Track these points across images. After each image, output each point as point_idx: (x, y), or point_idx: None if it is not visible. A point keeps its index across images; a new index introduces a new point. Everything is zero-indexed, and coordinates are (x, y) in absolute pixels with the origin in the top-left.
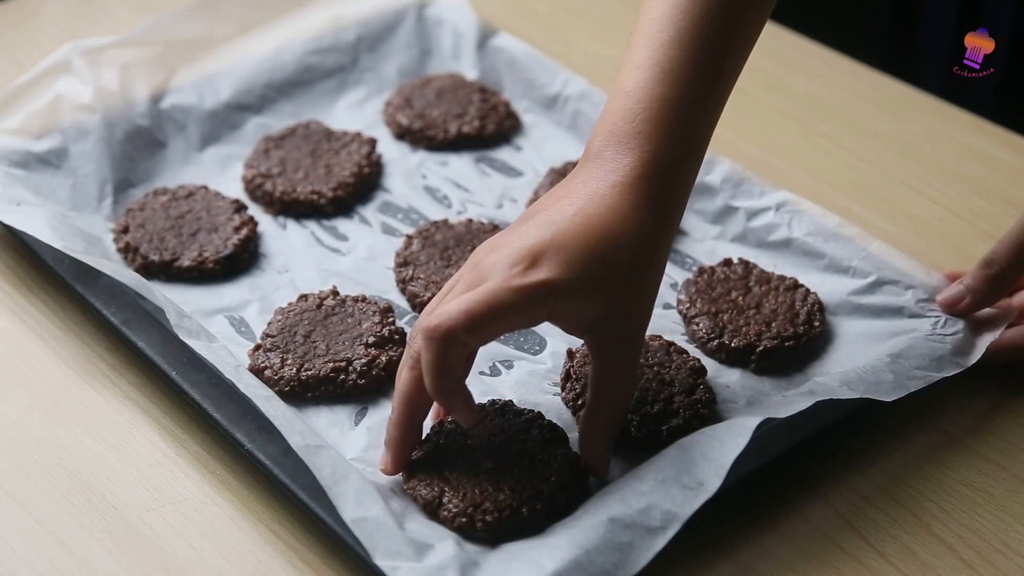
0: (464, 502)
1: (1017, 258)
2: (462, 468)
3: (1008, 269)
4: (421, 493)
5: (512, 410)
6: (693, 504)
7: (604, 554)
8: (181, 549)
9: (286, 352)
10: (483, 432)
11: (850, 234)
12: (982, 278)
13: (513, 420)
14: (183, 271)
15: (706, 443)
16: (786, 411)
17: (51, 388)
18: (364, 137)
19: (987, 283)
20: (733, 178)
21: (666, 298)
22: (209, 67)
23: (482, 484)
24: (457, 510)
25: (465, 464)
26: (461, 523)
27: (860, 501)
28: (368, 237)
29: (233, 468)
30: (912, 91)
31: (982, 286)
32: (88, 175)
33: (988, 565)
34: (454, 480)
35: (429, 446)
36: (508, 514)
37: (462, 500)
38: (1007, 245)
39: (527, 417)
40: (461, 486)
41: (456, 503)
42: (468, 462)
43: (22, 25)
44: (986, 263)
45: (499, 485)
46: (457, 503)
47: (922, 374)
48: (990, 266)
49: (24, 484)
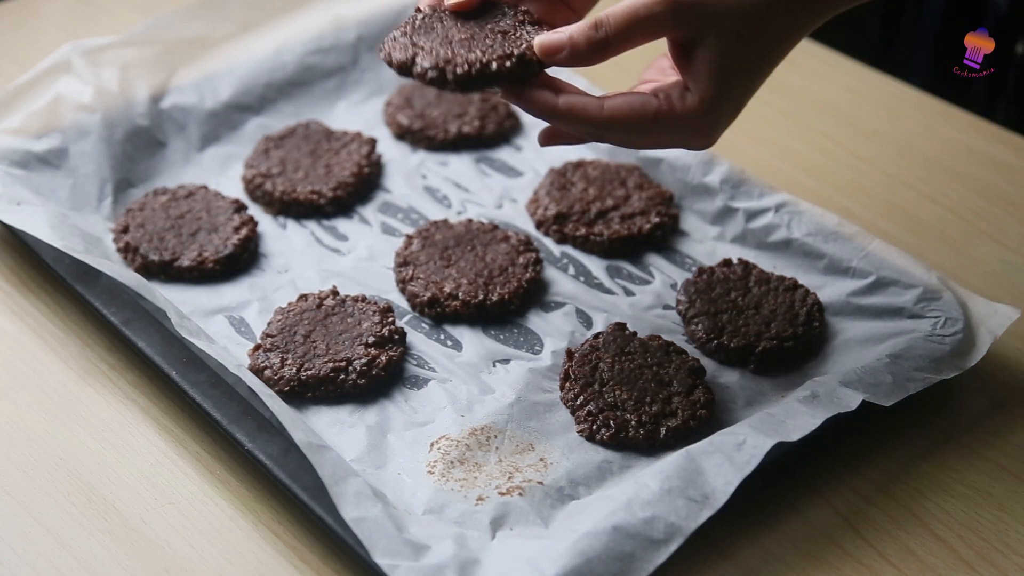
0: (436, 58)
1: (626, 31)
2: (436, 39)
3: (613, 38)
4: (395, 56)
5: None
6: (698, 519)
7: (605, 563)
8: (181, 549)
9: (286, 352)
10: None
11: (849, 233)
12: (586, 39)
13: None
14: (183, 271)
15: (715, 456)
16: (798, 433)
17: (51, 388)
18: (364, 137)
19: (589, 45)
20: (732, 179)
21: (665, 298)
22: (209, 67)
23: (454, 48)
24: (429, 64)
25: (439, 37)
26: (432, 77)
27: (860, 501)
28: (368, 237)
29: (233, 468)
30: (912, 91)
31: (584, 47)
32: (88, 175)
33: (988, 565)
34: (427, 46)
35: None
36: (479, 67)
37: (433, 57)
38: (620, 15)
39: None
40: (433, 49)
41: (428, 60)
42: (442, 37)
43: (22, 25)
44: (595, 25)
45: (471, 47)
46: (430, 60)
47: (921, 376)
48: (597, 29)
49: (24, 484)
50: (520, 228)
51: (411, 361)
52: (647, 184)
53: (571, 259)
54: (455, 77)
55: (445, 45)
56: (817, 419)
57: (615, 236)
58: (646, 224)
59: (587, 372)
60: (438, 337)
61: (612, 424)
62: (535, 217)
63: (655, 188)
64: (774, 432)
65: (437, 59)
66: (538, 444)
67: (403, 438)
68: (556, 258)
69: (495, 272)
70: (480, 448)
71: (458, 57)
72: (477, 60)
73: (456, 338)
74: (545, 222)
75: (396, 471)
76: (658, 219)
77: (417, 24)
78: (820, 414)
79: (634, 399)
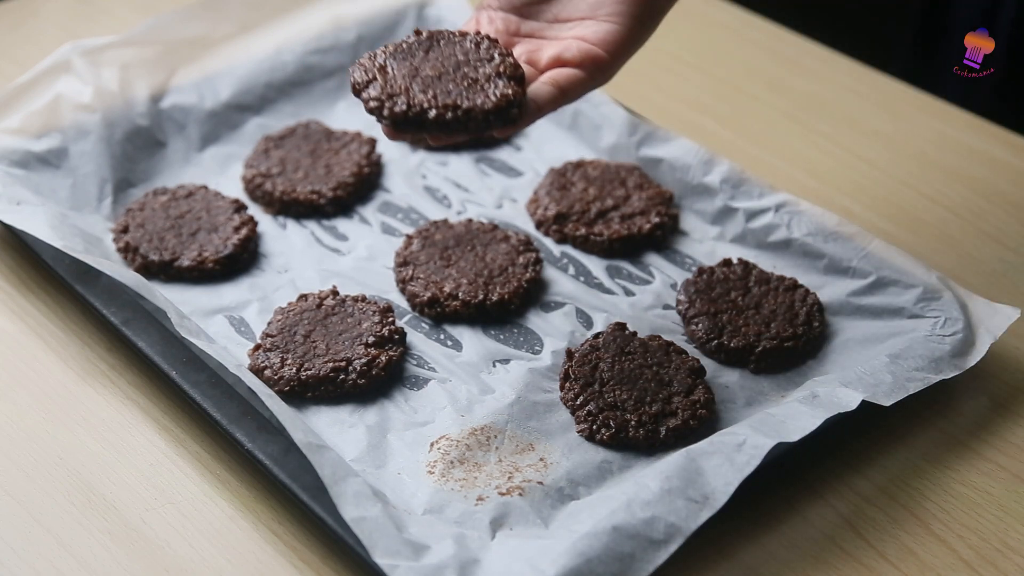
0: (382, 90)
1: None
2: (404, 69)
3: None
4: (355, 76)
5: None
6: (697, 519)
7: (605, 563)
8: (181, 549)
9: (286, 352)
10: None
11: (849, 233)
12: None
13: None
14: (183, 271)
15: (715, 456)
16: (798, 433)
17: (51, 388)
18: (364, 137)
19: None
20: (732, 179)
21: (665, 298)
22: (209, 67)
23: (412, 84)
24: (374, 94)
25: (408, 67)
26: (371, 107)
27: (860, 501)
28: (368, 237)
29: (233, 468)
30: (912, 91)
31: None
32: (88, 175)
33: (988, 565)
34: (391, 74)
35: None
36: (416, 111)
37: (380, 88)
38: None
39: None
40: (391, 80)
41: (375, 90)
42: (412, 67)
43: (22, 25)
44: None
45: (426, 87)
46: (375, 90)
47: (921, 376)
48: None
49: (24, 484)
50: (520, 228)
51: (411, 361)
52: (647, 184)
53: (571, 259)
54: (390, 113)
55: (406, 78)
56: (817, 419)
57: (615, 236)
58: (646, 224)
59: (587, 372)
60: (438, 337)
61: (612, 424)
62: (535, 217)
63: (655, 188)
64: (774, 432)
65: (383, 91)
66: (538, 444)
67: (403, 438)
68: (556, 258)
69: (495, 272)
70: (480, 448)
71: (403, 95)
72: (418, 103)
73: (456, 338)
74: (545, 222)
75: (396, 471)
76: (658, 219)
77: (403, 48)
78: (820, 414)
79: (634, 399)
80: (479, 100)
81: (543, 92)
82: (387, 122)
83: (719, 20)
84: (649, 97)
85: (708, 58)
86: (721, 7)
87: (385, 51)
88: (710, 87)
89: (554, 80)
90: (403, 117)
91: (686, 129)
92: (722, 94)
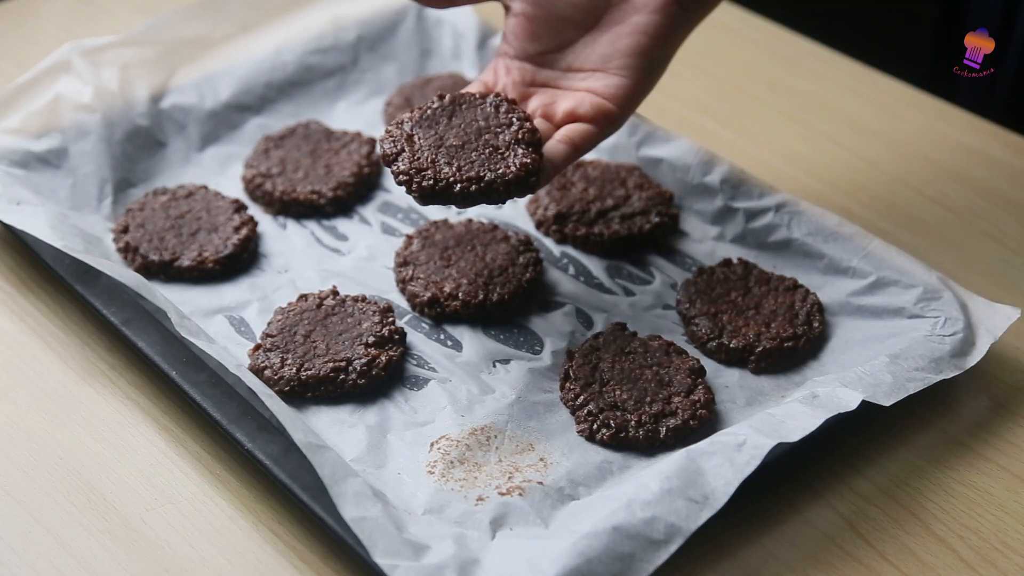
0: (410, 164)
1: None
2: (430, 138)
3: None
4: (384, 147)
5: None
6: (698, 519)
7: (605, 563)
8: (181, 549)
9: (286, 352)
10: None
11: (849, 233)
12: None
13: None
14: (183, 271)
15: (715, 456)
16: (798, 433)
17: (51, 388)
18: (364, 137)
19: None
20: (732, 179)
21: (665, 298)
22: (209, 67)
23: (437, 155)
24: (404, 168)
25: (434, 136)
26: (401, 180)
27: (860, 501)
28: (368, 237)
29: (233, 468)
30: (912, 91)
31: None
32: (88, 175)
33: (988, 565)
34: (418, 143)
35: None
36: (443, 185)
37: (408, 162)
38: None
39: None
40: (420, 150)
41: (404, 164)
42: (437, 136)
43: (22, 25)
44: None
45: (452, 158)
46: (405, 164)
47: (921, 376)
48: None
49: (24, 484)
50: (520, 228)
51: (411, 361)
52: (647, 184)
53: (571, 259)
54: (418, 188)
55: (432, 149)
56: (817, 419)
57: (615, 236)
58: (646, 224)
59: (587, 372)
60: (438, 337)
61: (612, 424)
62: (535, 217)
63: (655, 188)
64: (774, 432)
65: (411, 165)
66: (538, 444)
67: (403, 438)
68: (556, 258)
69: (495, 272)
70: (480, 448)
71: (430, 169)
72: (444, 178)
73: (456, 338)
74: (545, 222)
75: (396, 471)
76: (658, 219)
77: (427, 115)
78: (820, 414)
79: (634, 399)
80: (500, 170)
81: (558, 152)
82: (415, 195)
83: (719, 20)
84: (649, 97)
85: (708, 58)
86: (721, 7)
87: (412, 118)
88: (710, 87)
89: (568, 138)
90: (431, 191)
91: (686, 129)
92: (722, 94)
